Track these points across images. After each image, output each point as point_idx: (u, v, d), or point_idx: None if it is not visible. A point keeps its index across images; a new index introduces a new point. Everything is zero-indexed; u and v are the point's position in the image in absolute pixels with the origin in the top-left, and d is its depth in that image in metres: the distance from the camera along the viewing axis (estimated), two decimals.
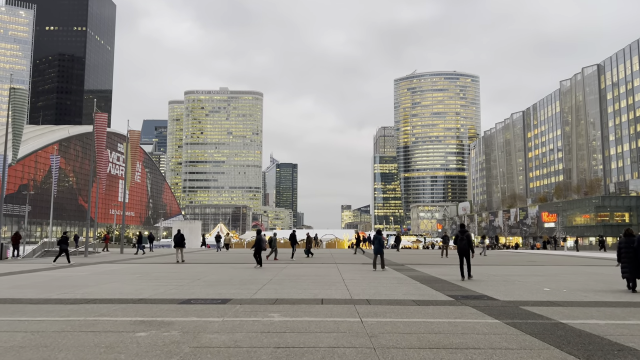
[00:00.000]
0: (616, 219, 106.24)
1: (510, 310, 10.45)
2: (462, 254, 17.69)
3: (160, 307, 10.72)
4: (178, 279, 17.19)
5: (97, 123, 35.13)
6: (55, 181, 50.64)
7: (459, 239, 17.71)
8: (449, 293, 13.39)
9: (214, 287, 14.54)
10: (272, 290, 13.72)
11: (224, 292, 13.42)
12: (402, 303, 11.44)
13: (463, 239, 17.60)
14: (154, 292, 13.36)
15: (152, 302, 11.54)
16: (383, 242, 22.71)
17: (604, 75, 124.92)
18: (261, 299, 11.97)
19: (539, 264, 28.32)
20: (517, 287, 15.05)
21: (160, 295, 12.82)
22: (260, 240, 23.95)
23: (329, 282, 16.13)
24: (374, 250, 22.29)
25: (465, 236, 17.63)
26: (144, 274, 19.94)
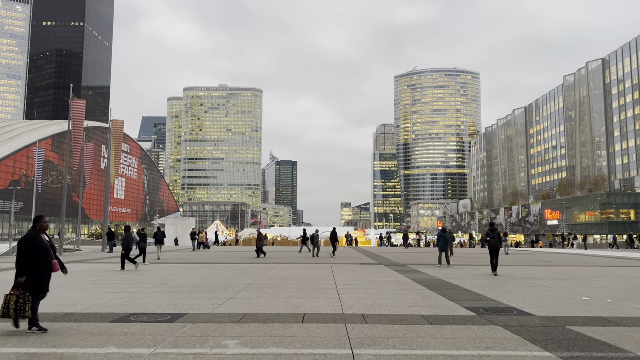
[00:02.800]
0: (622, 217, 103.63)
1: (557, 333, 7.69)
2: (493, 251, 19.08)
3: (82, 326, 7.98)
4: (139, 284, 14.44)
5: (74, 110, 32.38)
6: (40, 176, 47.90)
7: (490, 237, 19.23)
8: (467, 304, 10.63)
9: (175, 296, 11.79)
10: (244, 301, 10.96)
11: (183, 302, 10.68)
12: (409, 320, 8.69)
13: (494, 237, 19.15)
14: (95, 303, 10.63)
15: (81, 318, 8.79)
16: (448, 239, 23.93)
17: (609, 69, 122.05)
18: (225, 314, 9.22)
19: (555, 264, 25.60)
20: (548, 295, 12.29)
21: (101, 306, 10.09)
22: None
23: (318, 288, 13.38)
24: (439, 247, 23.30)
25: (496, 234, 19.22)
26: (106, 276, 17.17)
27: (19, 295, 7.46)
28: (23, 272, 7.63)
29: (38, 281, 7.73)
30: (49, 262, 7.92)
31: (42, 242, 7.89)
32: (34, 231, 7.99)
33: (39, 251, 7.76)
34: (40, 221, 8.12)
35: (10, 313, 7.41)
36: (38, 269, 7.72)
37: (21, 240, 7.90)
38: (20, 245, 7.81)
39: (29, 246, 7.74)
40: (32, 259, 7.68)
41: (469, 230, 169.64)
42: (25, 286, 7.59)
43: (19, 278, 7.62)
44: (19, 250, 7.79)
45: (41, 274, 7.76)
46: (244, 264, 24.26)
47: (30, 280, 7.64)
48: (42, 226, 8.12)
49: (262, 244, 29.92)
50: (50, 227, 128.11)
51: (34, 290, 7.67)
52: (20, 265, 7.67)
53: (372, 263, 25.04)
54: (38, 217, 8.17)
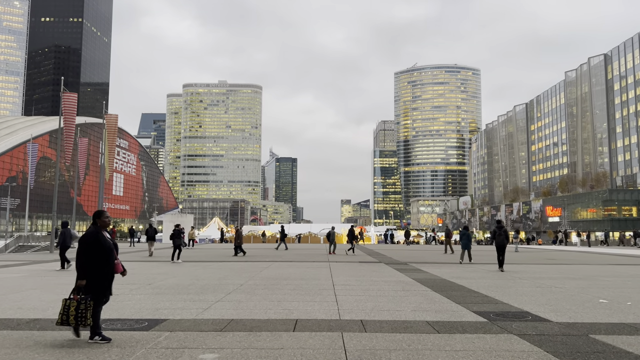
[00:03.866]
0: (624, 213, 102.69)
1: (581, 344, 6.79)
2: (500, 248, 19.52)
3: (45, 335, 7.08)
4: (123, 284, 13.52)
5: (65, 103, 31.43)
6: (33, 172, 46.99)
7: (497, 234, 19.76)
8: (475, 308, 9.73)
9: (158, 298, 10.89)
10: (232, 304, 10.06)
11: (166, 306, 9.77)
12: (414, 328, 7.78)
13: (501, 234, 19.66)
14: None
15: (46, 325, 7.89)
16: (471, 237, 24.34)
17: (611, 65, 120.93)
18: (209, 320, 8.31)
19: (561, 262, 24.70)
20: (562, 297, 11.40)
21: None
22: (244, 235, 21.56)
23: (314, 290, 12.47)
24: (462, 245, 23.46)
25: (503, 231, 19.71)
26: None
27: (80, 300, 6.54)
28: (84, 273, 6.70)
29: (100, 284, 6.83)
30: (112, 263, 7.01)
31: (105, 240, 6.95)
32: (95, 228, 7.02)
33: (102, 250, 6.84)
34: (101, 217, 7.13)
35: (70, 320, 6.50)
36: (100, 270, 6.82)
37: (82, 237, 6.90)
38: (81, 244, 6.84)
39: (90, 244, 6.79)
40: (93, 259, 6.75)
41: (469, 227, 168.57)
42: (86, 290, 6.67)
43: (79, 281, 6.69)
44: (79, 249, 6.81)
45: (104, 276, 6.87)
46: (238, 262, 23.38)
47: (91, 283, 6.72)
48: (103, 222, 7.13)
49: (241, 242, 28.72)
50: (48, 224, 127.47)
51: (96, 294, 6.76)
52: (80, 266, 6.75)
53: (372, 261, 24.15)
54: (99, 212, 7.15)
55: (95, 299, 6.72)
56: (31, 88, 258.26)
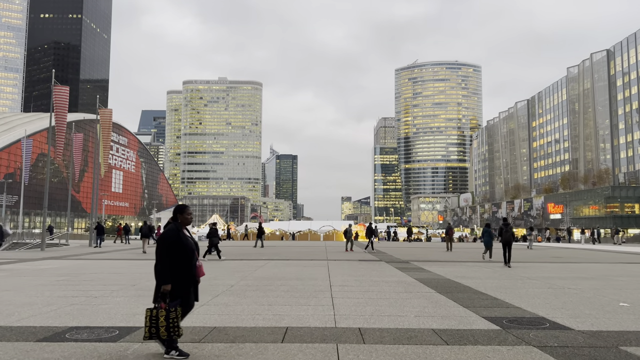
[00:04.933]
0: (626, 210, 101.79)
1: (611, 358, 5.89)
2: (506, 244, 20.25)
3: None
4: (106, 285, 12.64)
5: (57, 97, 30.49)
6: (27, 168, 46.11)
7: (503, 231, 20.58)
8: (485, 313, 8.82)
9: (139, 302, 10.00)
10: (218, 309, 9.16)
11: (142, 311, 8.79)
12: (418, 337, 6.88)
13: (507, 231, 20.37)
14: (37, 311, 8.82)
15: (3, 334, 6.98)
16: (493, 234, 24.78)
17: (614, 61, 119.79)
18: (187, 328, 7.39)
19: (568, 260, 23.80)
20: (577, 300, 10.50)
21: (41, 317, 8.29)
22: None
23: (309, 291, 11.58)
24: (485, 242, 23.88)
25: (509, 228, 20.43)
26: (74, 275, 15.35)
27: (168, 309, 5.62)
28: (169, 277, 5.76)
29: (187, 289, 5.91)
30: (195, 265, 6.08)
31: (187, 238, 6.02)
32: (176, 225, 6.07)
33: (184, 251, 5.93)
34: (184, 212, 6.16)
35: (161, 333, 5.56)
36: (186, 273, 5.92)
37: (162, 235, 5.97)
38: (161, 243, 5.91)
39: (172, 243, 5.87)
40: (177, 261, 5.85)
41: (470, 224, 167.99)
42: (172, 296, 5.78)
43: (163, 286, 5.74)
44: (159, 249, 5.89)
45: (189, 280, 5.96)
46: (234, 260, 22.49)
47: (177, 289, 5.81)
48: (185, 219, 6.14)
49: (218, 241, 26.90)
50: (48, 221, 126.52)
51: (184, 300, 5.87)
52: (164, 268, 5.80)
53: (372, 259, 23.25)
54: (181, 206, 6.18)
55: (182, 305, 5.84)
56: (30, 85, 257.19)
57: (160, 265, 5.82)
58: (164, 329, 5.54)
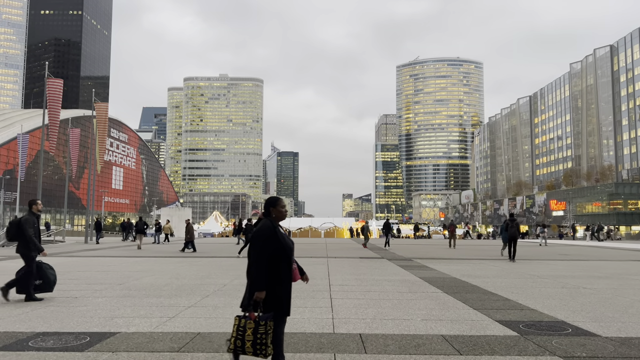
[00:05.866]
0: (630, 207, 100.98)
1: None
2: (512, 239, 20.73)
3: None
4: (91, 283, 11.87)
5: (50, 89, 29.75)
6: (24, 164, 45.33)
7: (509, 226, 20.92)
8: (499, 316, 8.02)
9: (121, 303, 9.21)
10: (205, 311, 8.37)
11: (125, 314, 8.09)
12: (427, 346, 6.10)
13: (513, 227, 20.78)
14: (8, 314, 8.05)
15: None
16: None
17: (617, 56, 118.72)
18: (168, 334, 6.63)
19: (576, 258, 23.01)
20: (596, 301, 9.70)
21: (9, 320, 7.52)
22: None
23: (306, 292, 10.79)
24: (503, 238, 23.18)
25: (515, 224, 20.88)
26: (60, 273, 14.53)
27: (258, 321, 4.61)
28: (262, 282, 4.71)
29: (285, 297, 4.90)
30: (292, 268, 5.07)
31: (284, 236, 4.99)
32: (269, 221, 4.98)
33: (284, 251, 4.91)
34: (277, 205, 5.08)
35: (247, 348, 4.60)
36: (283, 278, 4.89)
37: (257, 233, 4.88)
38: (255, 241, 4.85)
39: (268, 242, 4.83)
40: (274, 263, 4.84)
41: (471, 221, 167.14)
42: (265, 305, 4.76)
43: (256, 293, 4.71)
44: (253, 249, 4.84)
45: (288, 286, 4.94)
46: (230, 257, 21.72)
47: (272, 298, 4.79)
48: (279, 213, 5.07)
49: (192, 237, 26.18)
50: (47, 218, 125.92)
51: (279, 310, 4.84)
52: (259, 272, 4.74)
53: (374, 257, 22.47)
54: (273, 199, 5.11)
55: (276, 318, 4.83)
56: (31, 81, 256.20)
57: (254, 267, 4.78)
58: (250, 344, 4.59)
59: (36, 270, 9.46)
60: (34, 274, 9.42)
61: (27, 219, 9.54)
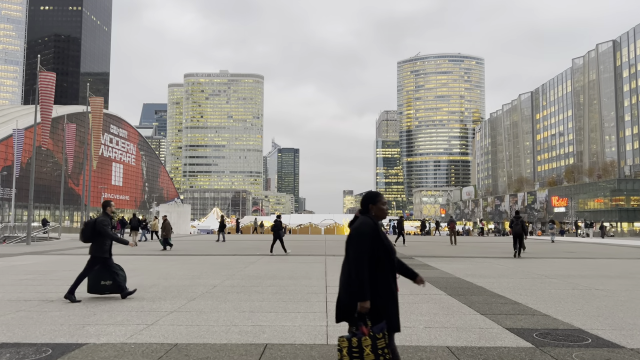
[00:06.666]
0: (632, 204, 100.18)
1: None
2: (517, 236, 20.98)
3: None
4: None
5: (42, 83, 29.05)
6: (19, 160, 44.67)
7: (514, 223, 20.93)
8: (509, 322, 7.32)
9: (96, 308, 8.52)
10: (188, 317, 7.67)
11: (99, 320, 7.39)
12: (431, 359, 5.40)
13: (518, 224, 20.75)
14: None
15: None
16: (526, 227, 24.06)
17: (620, 51, 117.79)
18: (141, 345, 5.92)
19: (582, 256, 22.30)
20: (612, 305, 8.99)
21: None
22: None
23: (301, 294, 10.10)
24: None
25: (520, 221, 20.79)
26: (44, 273, 13.88)
27: (374, 335, 3.81)
28: (365, 290, 3.90)
29: (390, 304, 4.04)
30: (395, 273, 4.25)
31: (386, 237, 4.20)
32: (369, 218, 4.19)
33: (388, 253, 4.11)
34: (378, 201, 4.26)
35: None
36: (389, 283, 4.06)
37: (356, 232, 4.08)
38: (355, 242, 4.03)
39: (370, 243, 4.04)
40: (377, 267, 4.05)
41: (472, 217, 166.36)
42: (373, 316, 3.92)
43: (359, 303, 3.89)
44: (353, 251, 4.01)
45: (392, 292, 4.09)
46: (225, 255, 21.01)
47: (380, 305, 3.97)
48: (380, 210, 4.24)
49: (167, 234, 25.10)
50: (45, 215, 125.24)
51: (391, 321, 4.02)
52: (360, 277, 3.91)
53: None
54: (373, 194, 4.31)
55: (389, 329, 4.02)
56: (31, 77, 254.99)
57: (354, 272, 3.95)
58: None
59: (106, 271, 9.52)
60: (100, 274, 9.52)
61: (102, 220, 9.56)
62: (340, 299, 4.12)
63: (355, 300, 3.91)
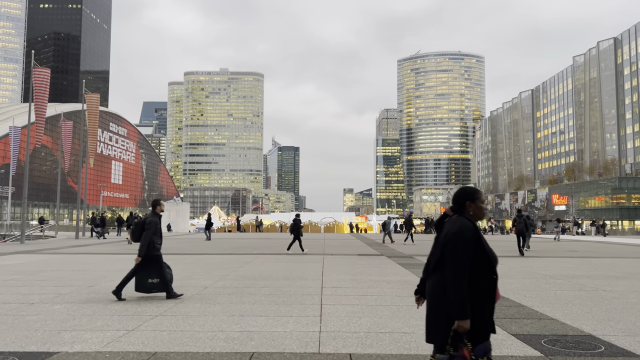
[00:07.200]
0: (633, 202, 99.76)
1: None
2: (520, 234, 21.17)
3: None
4: (59, 285, 10.72)
5: (36, 78, 28.60)
6: (15, 158, 44.23)
7: (517, 222, 21.14)
8: (515, 328, 6.85)
9: (77, 311, 8.05)
10: (172, 322, 7.20)
11: (76, 325, 6.93)
12: None
13: (520, 222, 20.97)
14: None
15: None
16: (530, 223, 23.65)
17: (621, 49, 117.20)
18: (117, 354, 5.45)
19: (585, 255, 21.83)
20: (622, 307, 8.53)
21: None
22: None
23: (295, 295, 9.63)
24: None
25: (522, 220, 21.05)
26: (32, 273, 13.42)
27: (475, 358, 3.33)
28: (465, 307, 3.35)
29: (488, 320, 3.48)
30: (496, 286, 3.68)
31: (487, 243, 3.65)
32: (467, 220, 3.65)
33: (490, 262, 3.54)
34: (476, 199, 3.73)
35: None
36: (491, 297, 3.49)
37: (457, 236, 3.50)
38: (455, 247, 3.46)
39: (472, 249, 3.49)
40: (478, 278, 3.46)
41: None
42: (474, 336, 3.39)
43: (458, 322, 3.33)
44: (450, 257, 3.45)
45: (492, 307, 3.53)
46: (220, 255, 20.55)
47: (481, 323, 3.42)
48: (478, 209, 3.71)
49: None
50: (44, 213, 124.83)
51: (486, 337, 3.48)
52: (458, 290, 3.36)
53: (372, 254, 21.30)
54: (471, 190, 3.79)
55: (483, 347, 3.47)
56: (31, 75, 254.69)
57: (453, 286, 3.38)
58: None
59: (155, 269, 9.41)
60: (148, 272, 9.38)
61: (151, 220, 9.55)
62: None
63: (455, 318, 3.35)
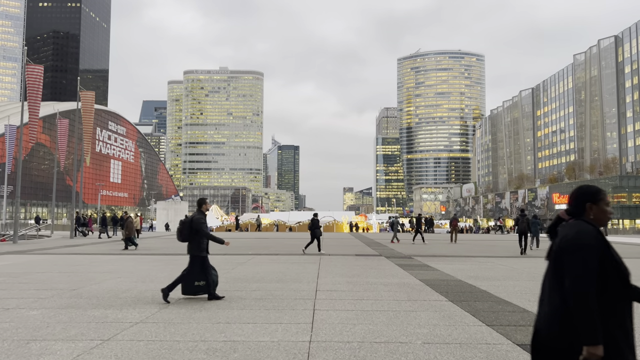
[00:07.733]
0: (634, 201, 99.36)
1: None
2: (522, 234, 21.27)
3: None
4: (41, 289, 10.24)
5: (30, 76, 28.14)
6: (10, 156, 43.77)
7: (519, 221, 21.52)
8: (521, 337, 6.35)
9: (55, 317, 7.57)
10: (152, 330, 6.72)
11: (51, 334, 6.45)
12: None
13: (523, 222, 21.29)
14: None
15: None
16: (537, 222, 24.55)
17: (622, 47, 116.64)
18: None
19: None
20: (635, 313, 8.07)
21: None
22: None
23: (287, 300, 9.16)
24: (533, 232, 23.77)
25: (525, 219, 21.36)
26: (17, 275, 12.94)
27: None
28: (596, 330, 2.66)
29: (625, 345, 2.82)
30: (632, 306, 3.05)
31: (616, 251, 2.99)
32: (588, 224, 3.00)
33: (622, 277, 2.85)
34: (600, 200, 3.08)
35: None
36: (625, 319, 2.83)
37: (575, 242, 2.86)
38: (574, 256, 2.82)
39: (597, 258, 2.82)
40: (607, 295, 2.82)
41: (473, 214, 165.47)
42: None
43: (586, 348, 2.64)
44: (569, 269, 2.81)
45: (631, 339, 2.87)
46: (215, 255, 20.03)
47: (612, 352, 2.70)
48: (602, 213, 3.07)
49: (130, 233, 23.56)
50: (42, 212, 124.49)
51: None
52: (585, 310, 2.68)
53: (371, 254, 20.82)
54: (594, 189, 3.14)
55: None
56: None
57: (577, 304, 2.72)
58: None
59: (201, 271, 9.43)
60: (194, 274, 9.40)
61: (198, 218, 9.54)
62: (542, 336, 2.87)
63: (583, 343, 2.67)
